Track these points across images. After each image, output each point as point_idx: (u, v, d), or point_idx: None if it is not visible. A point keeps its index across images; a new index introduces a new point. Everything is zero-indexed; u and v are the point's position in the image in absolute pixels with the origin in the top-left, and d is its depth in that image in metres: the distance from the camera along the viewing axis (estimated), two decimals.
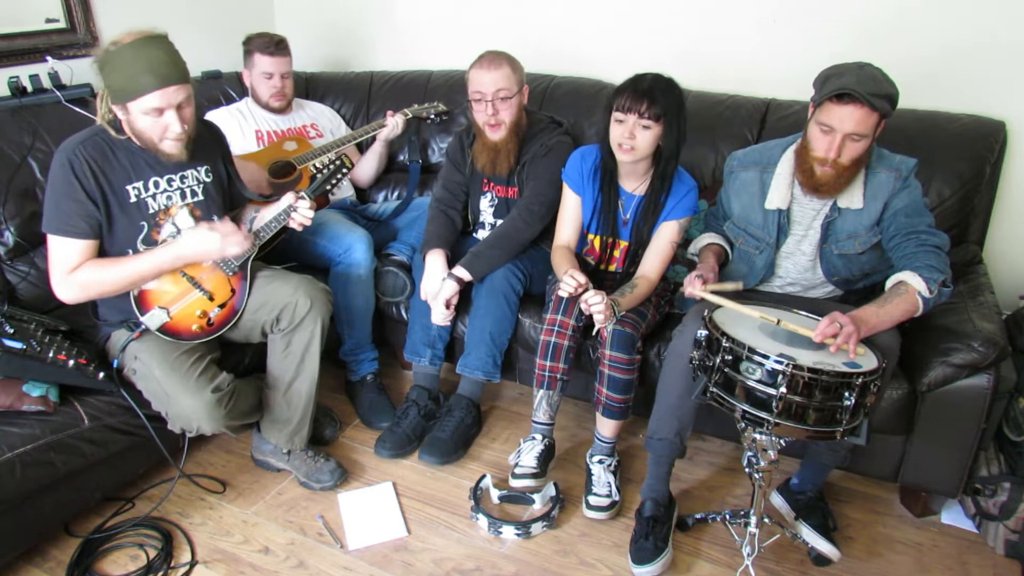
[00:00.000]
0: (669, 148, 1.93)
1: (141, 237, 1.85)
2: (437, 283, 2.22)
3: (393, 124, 2.68)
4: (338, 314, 2.39)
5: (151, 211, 1.85)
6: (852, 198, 1.78)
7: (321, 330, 1.98)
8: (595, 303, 1.82)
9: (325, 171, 2.01)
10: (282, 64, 2.62)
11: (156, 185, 1.85)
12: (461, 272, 2.19)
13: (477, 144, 2.27)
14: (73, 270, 1.78)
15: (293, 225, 1.94)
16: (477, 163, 2.28)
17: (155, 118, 1.72)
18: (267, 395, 2.05)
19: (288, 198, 1.93)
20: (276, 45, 2.59)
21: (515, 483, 2.04)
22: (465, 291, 2.26)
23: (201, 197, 1.93)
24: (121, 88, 1.69)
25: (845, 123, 1.64)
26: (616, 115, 1.90)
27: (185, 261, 1.86)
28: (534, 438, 2.12)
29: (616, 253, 2.15)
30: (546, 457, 2.11)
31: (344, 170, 2.02)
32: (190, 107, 1.78)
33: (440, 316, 2.23)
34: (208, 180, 1.95)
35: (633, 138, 1.88)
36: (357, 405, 2.49)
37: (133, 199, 1.82)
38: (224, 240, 1.83)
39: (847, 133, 1.65)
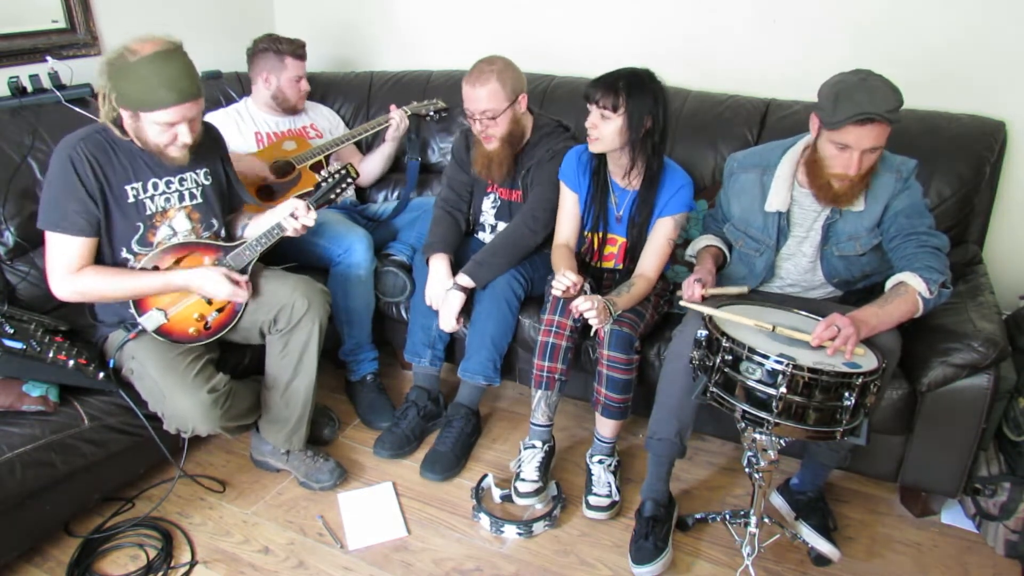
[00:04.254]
0: (633, 139, 1.94)
1: (136, 238, 1.85)
2: (441, 288, 2.21)
3: (398, 119, 2.65)
4: (338, 314, 2.39)
5: (148, 212, 1.85)
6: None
7: (319, 331, 1.98)
8: (584, 308, 1.83)
9: (331, 179, 1.98)
10: (305, 67, 2.67)
11: (155, 187, 1.85)
12: (465, 280, 2.18)
13: (475, 150, 2.27)
14: (75, 270, 1.78)
15: (289, 231, 1.92)
16: (475, 167, 2.28)
17: (165, 128, 1.73)
18: (265, 395, 2.05)
19: (291, 204, 1.92)
20: (303, 48, 2.64)
21: (520, 502, 2.03)
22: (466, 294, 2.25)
23: (200, 200, 1.94)
24: (137, 99, 1.69)
25: (863, 141, 1.64)
26: (587, 107, 1.94)
27: (191, 291, 1.88)
28: (534, 445, 2.10)
29: (612, 249, 2.15)
30: (547, 464, 2.10)
31: (349, 179, 1.99)
32: (200, 118, 1.79)
33: (450, 326, 2.21)
34: (207, 183, 1.95)
35: (595, 127, 1.93)
36: (357, 405, 2.49)
37: (131, 199, 1.82)
38: (235, 291, 1.86)
39: (865, 149, 1.65)
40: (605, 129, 1.92)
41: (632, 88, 1.89)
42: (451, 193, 2.39)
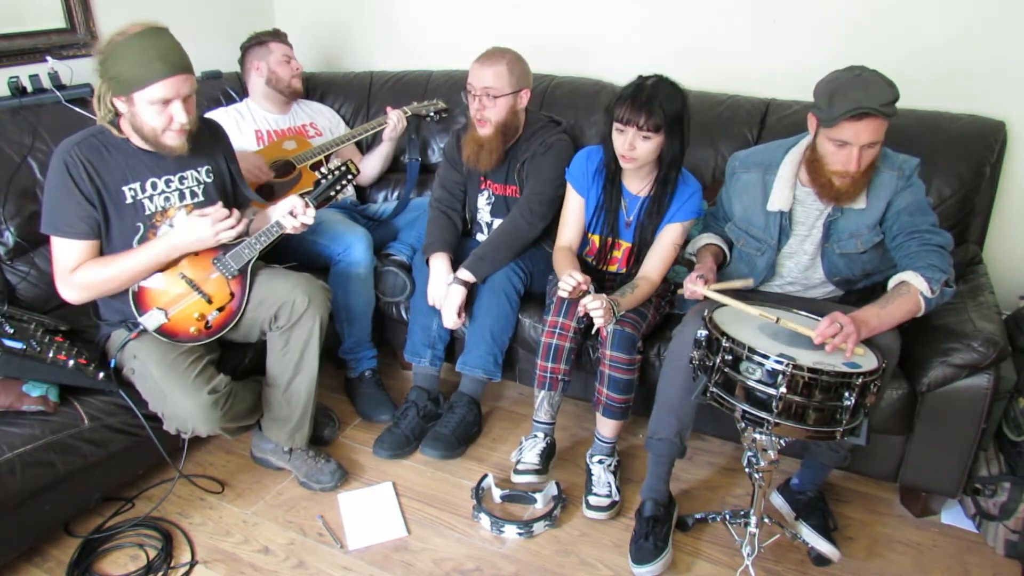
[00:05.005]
0: (671, 155, 1.93)
1: (137, 239, 1.85)
2: (443, 287, 2.22)
3: (395, 119, 2.67)
4: (338, 313, 2.39)
5: (147, 212, 1.85)
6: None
7: (320, 327, 1.98)
8: (593, 307, 1.83)
9: (331, 176, 1.98)
10: (292, 50, 2.74)
11: (154, 186, 1.85)
12: (465, 275, 2.18)
13: (467, 134, 2.26)
14: (73, 271, 1.79)
15: (288, 228, 1.92)
16: (463, 153, 2.27)
17: (160, 109, 1.72)
18: (267, 393, 2.05)
19: (290, 202, 1.92)
20: (285, 35, 2.74)
21: (517, 479, 2.04)
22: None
23: (201, 198, 1.93)
24: (129, 77, 1.68)
25: (861, 137, 1.64)
26: (616, 125, 1.90)
27: (181, 250, 1.85)
28: (536, 436, 2.12)
29: (617, 253, 2.15)
30: (548, 455, 2.11)
31: (349, 176, 1.99)
32: (193, 99, 1.79)
33: (452, 322, 2.21)
34: (209, 180, 1.95)
35: (634, 149, 1.89)
36: (356, 401, 2.49)
37: (129, 200, 1.82)
38: (216, 224, 1.82)
39: (864, 144, 1.65)
40: (643, 148, 1.89)
41: (668, 104, 1.86)
42: (444, 193, 2.39)
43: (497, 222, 2.36)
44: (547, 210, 2.21)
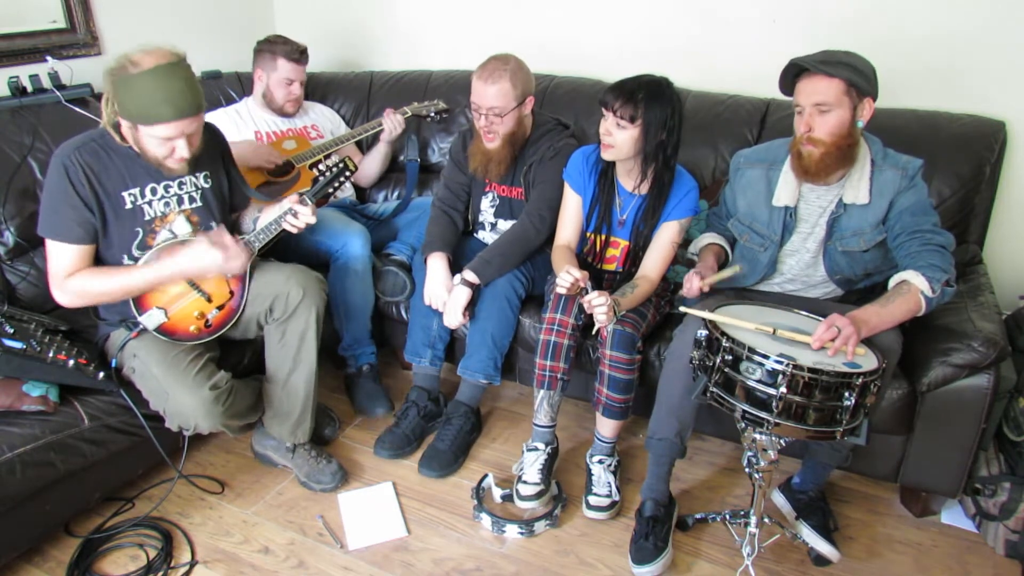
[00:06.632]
0: (647, 150, 1.92)
1: (136, 243, 1.85)
2: (439, 287, 2.21)
3: (392, 124, 2.66)
4: (336, 309, 2.39)
5: (147, 218, 1.85)
6: (857, 193, 1.78)
7: (316, 318, 1.97)
8: (598, 304, 1.82)
9: (328, 173, 1.98)
10: (302, 72, 2.66)
11: (153, 192, 1.85)
12: (472, 276, 2.17)
13: (473, 145, 2.26)
14: (69, 275, 1.79)
15: (289, 228, 1.93)
16: (470, 163, 2.27)
17: (164, 142, 1.73)
18: (267, 389, 2.05)
19: (289, 200, 1.92)
20: (301, 53, 2.63)
21: (522, 505, 2.02)
22: None
23: (199, 203, 1.93)
24: (135, 112, 1.68)
25: (808, 96, 1.70)
26: (602, 110, 1.92)
27: (188, 276, 1.87)
28: (536, 447, 2.10)
29: (615, 252, 2.15)
30: (549, 467, 2.10)
31: (348, 173, 2.00)
32: (199, 133, 1.79)
33: (456, 321, 2.20)
34: (207, 186, 1.95)
35: (610, 135, 1.90)
36: (354, 396, 2.49)
37: (129, 205, 1.82)
38: (226, 256, 1.82)
39: (813, 105, 1.70)
40: (619, 137, 1.90)
41: (651, 99, 1.86)
42: (448, 193, 2.39)
43: (500, 223, 2.36)
44: (555, 216, 2.20)
